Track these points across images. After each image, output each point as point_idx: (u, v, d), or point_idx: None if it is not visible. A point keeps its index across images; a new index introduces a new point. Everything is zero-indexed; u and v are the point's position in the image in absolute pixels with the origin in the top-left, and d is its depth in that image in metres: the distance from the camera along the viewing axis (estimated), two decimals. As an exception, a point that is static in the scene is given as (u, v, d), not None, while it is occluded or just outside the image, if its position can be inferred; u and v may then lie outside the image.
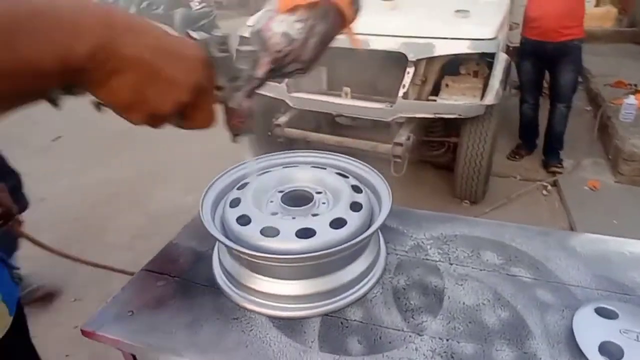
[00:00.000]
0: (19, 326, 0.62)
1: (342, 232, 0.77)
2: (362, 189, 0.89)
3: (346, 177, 0.93)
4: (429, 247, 0.95)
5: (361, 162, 0.99)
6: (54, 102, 0.42)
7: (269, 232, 0.77)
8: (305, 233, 0.76)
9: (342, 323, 0.77)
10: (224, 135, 0.67)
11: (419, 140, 2.69)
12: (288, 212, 0.84)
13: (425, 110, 2.38)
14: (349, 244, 0.72)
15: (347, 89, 2.56)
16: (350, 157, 1.00)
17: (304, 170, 0.96)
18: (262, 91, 2.33)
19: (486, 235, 0.98)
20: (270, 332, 0.76)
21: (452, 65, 2.41)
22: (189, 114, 0.48)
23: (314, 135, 2.73)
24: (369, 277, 0.85)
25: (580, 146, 3.55)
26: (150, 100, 0.42)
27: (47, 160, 3.62)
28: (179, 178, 2.99)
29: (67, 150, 3.88)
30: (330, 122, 2.93)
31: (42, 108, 0.47)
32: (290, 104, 2.73)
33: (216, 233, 0.78)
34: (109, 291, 0.87)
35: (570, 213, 2.77)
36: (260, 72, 0.61)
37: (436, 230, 1.00)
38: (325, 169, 0.97)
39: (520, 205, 2.90)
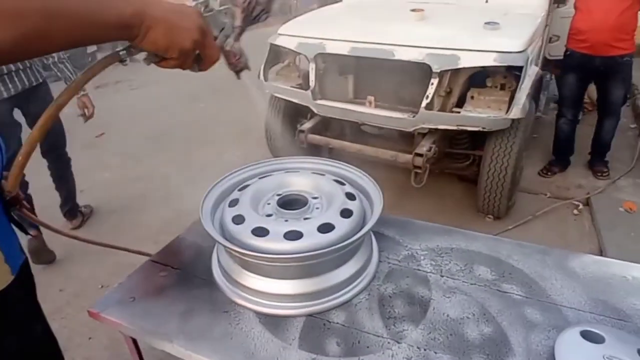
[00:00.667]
0: (25, 286, 0.72)
1: (330, 237, 0.79)
2: (356, 196, 0.91)
3: (342, 184, 0.96)
4: (422, 257, 0.96)
5: (359, 170, 1.01)
6: (122, 61, 0.67)
7: (260, 232, 0.80)
8: (294, 235, 0.79)
9: (324, 324, 0.80)
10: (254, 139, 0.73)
11: (443, 152, 2.66)
12: (282, 214, 0.88)
13: (448, 121, 2.36)
14: (331, 248, 0.75)
15: (371, 98, 2.58)
16: (349, 165, 1.03)
17: (304, 176, 0.99)
18: (288, 97, 2.38)
19: (483, 250, 0.98)
20: (255, 327, 0.80)
21: (479, 77, 2.38)
22: (202, 51, 0.68)
23: (336, 143, 2.75)
24: (356, 282, 0.87)
25: (619, 165, 3.37)
26: (177, 41, 0.63)
27: (89, 155, 3.84)
28: (208, 179, 3.11)
29: (109, 146, 4.11)
30: (356, 130, 2.95)
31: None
32: (315, 110, 2.77)
33: (210, 228, 0.83)
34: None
35: (600, 235, 2.63)
36: (238, 21, 0.80)
37: (432, 242, 1.01)
38: (324, 175, 1.00)
39: (547, 224, 2.79)
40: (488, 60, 2.24)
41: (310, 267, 0.81)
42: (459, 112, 2.38)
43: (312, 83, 2.76)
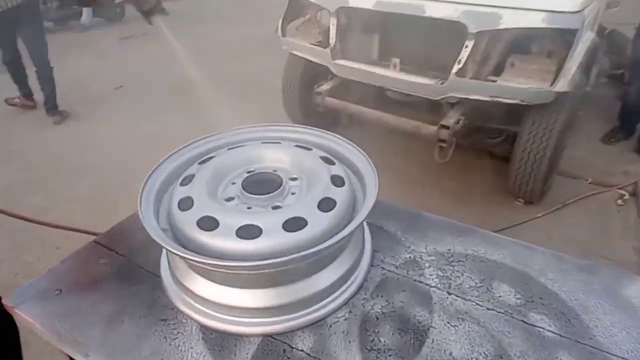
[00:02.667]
0: None
1: (298, 237, 0.59)
2: (346, 181, 0.70)
3: (332, 163, 0.74)
4: (427, 265, 0.75)
5: (358, 148, 0.78)
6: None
7: (207, 223, 0.61)
8: (249, 232, 0.59)
9: (284, 350, 0.61)
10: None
11: (473, 125, 2.37)
12: (246, 199, 0.68)
13: (481, 91, 2.05)
14: (293, 256, 0.54)
15: (396, 61, 2.29)
16: (344, 139, 0.80)
17: (284, 150, 0.78)
18: (305, 55, 2.09)
19: (507, 260, 0.75)
20: (196, 345, 0.62)
21: (522, 41, 2.03)
22: None
23: (355, 108, 2.50)
24: (335, 294, 0.67)
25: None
26: None
27: (105, 108, 3.73)
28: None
29: (126, 100, 3.98)
30: (379, 96, 2.68)
31: (108, 56, 0.38)
32: (334, 71, 2.50)
33: (146, 211, 0.64)
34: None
35: (647, 231, 2.33)
36: None
37: (443, 244, 0.79)
38: (311, 149, 0.78)
39: (585, 214, 2.48)
40: (536, 21, 1.90)
41: (272, 275, 0.61)
42: (494, 81, 2.06)
43: (332, 40, 2.48)
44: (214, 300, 0.63)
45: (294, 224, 0.60)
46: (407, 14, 2.20)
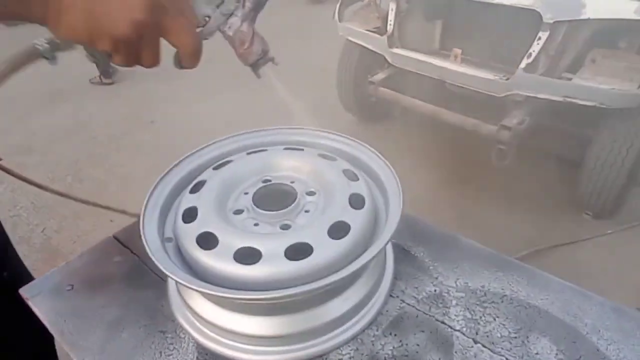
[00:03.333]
0: None
1: (299, 266, 0.52)
2: (366, 203, 0.62)
3: (354, 179, 0.66)
4: (454, 302, 0.65)
5: (388, 164, 0.69)
6: (46, 58, 0.52)
7: (207, 241, 0.56)
8: (248, 255, 0.54)
9: (278, 387, 0.55)
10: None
11: (540, 126, 2.14)
12: (255, 214, 0.63)
13: (553, 90, 1.82)
14: (289, 292, 0.48)
15: (458, 52, 2.10)
16: (376, 151, 0.72)
17: (307, 158, 0.71)
18: (360, 41, 1.98)
19: (553, 308, 0.64)
20: (188, 366, 0.58)
21: (607, 35, 1.77)
22: (165, 37, 0.49)
23: (408, 100, 2.36)
24: (342, 328, 0.60)
25: None
26: (104, 24, 0.44)
27: (166, 86, 3.88)
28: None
29: (187, 77, 4.10)
30: (437, 88, 2.51)
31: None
32: (390, 60, 2.37)
33: (148, 220, 0.61)
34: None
35: None
36: None
37: (477, 278, 0.69)
38: (335, 160, 0.71)
39: (667, 235, 2.18)
40: (627, 12, 1.64)
41: (269, 304, 0.56)
42: (570, 79, 1.83)
43: (390, 27, 2.35)
44: (210, 320, 0.59)
45: (298, 251, 0.54)
46: (475, 0, 2.00)
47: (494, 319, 0.62)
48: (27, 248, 2.15)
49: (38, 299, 0.70)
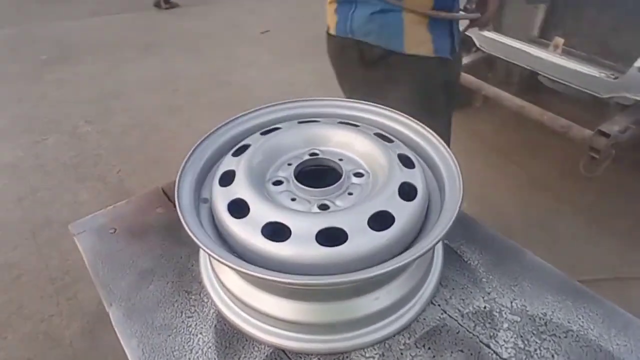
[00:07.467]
0: None
1: (330, 252, 0.47)
2: (418, 194, 0.54)
3: (411, 166, 0.58)
4: (506, 326, 0.56)
5: (451, 153, 0.60)
6: None
7: (238, 209, 0.53)
8: (277, 231, 0.49)
9: (290, 375, 0.51)
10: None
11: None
12: (294, 187, 0.58)
13: (674, 98, 1.54)
14: (302, 281, 0.43)
15: (560, 41, 1.85)
16: (439, 138, 0.63)
17: (361, 135, 0.64)
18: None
19: (629, 354, 0.52)
20: (206, 332, 0.56)
21: None
22: None
23: (492, 90, 2.14)
24: (370, 328, 0.54)
25: None
26: None
27: (250, 50, 3.94)
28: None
29: (270, 44, 4.14)
30: (531, 81, 2.26)
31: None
32: (477, 43, 2.16)
33: (185, 178, 0.59)
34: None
35: None
36: None
37: (539, 303, 0.59)
38: (393, 142, 0.64)
39: None
40: None
41: (293, 289, 0.51)
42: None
43: (484, 7, 2.13)
44: (233, 291, 0.56)
45: (331, 236, 0.48)
46: None
47: (552, 356, 0.52)
48: (103, 185, 2.33)
49: (82, 236, 0.72)
